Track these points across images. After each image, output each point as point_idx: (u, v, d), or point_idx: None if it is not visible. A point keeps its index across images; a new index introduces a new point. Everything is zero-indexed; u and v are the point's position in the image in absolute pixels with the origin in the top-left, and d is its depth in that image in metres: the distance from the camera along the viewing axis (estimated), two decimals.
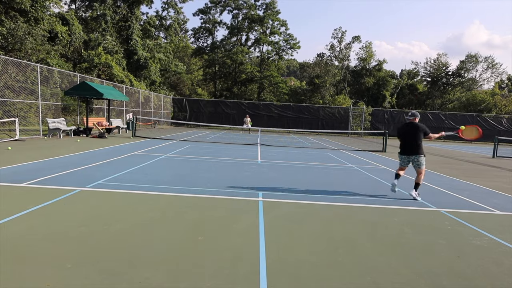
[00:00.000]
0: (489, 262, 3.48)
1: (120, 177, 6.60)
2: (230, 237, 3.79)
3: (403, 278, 3.01)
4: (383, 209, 5.37)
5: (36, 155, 8.70)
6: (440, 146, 24.51)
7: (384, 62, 42.95)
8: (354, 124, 33.11)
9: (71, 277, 2.70)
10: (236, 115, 32.71)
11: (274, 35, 42.51)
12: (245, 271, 2.97)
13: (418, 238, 4.10)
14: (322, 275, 2.99)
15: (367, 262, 3.31)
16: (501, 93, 40.85)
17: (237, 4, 41.25)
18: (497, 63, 43.42)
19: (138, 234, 3.72)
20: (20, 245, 3.26)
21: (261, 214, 4.73)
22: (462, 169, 11.05)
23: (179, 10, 40.83)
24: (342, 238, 3.96)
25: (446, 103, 43.78)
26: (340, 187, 7.02)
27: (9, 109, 14.64)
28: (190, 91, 45.30)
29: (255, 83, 42.65)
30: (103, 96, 15.34)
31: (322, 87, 38.85)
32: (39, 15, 20.56)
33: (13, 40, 18.70)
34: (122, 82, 24.89)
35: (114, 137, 15.93)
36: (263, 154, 12.06)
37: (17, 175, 6.21)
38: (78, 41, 25.09)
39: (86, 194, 5.24)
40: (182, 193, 5.65)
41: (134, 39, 31.32)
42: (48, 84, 16.63)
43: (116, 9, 30.68)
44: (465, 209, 5.68)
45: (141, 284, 2.66)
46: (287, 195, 5.91)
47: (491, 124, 32.44)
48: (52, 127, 13.83)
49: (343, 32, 42.93)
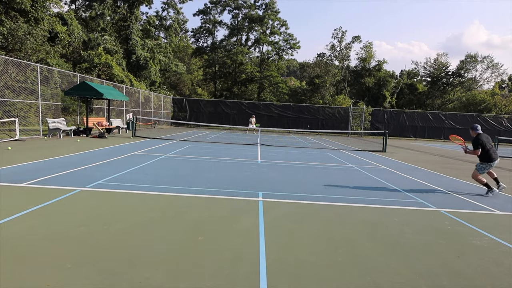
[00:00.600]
0: (489, 262, 3.48)
1: (120, 177, 6.60)
2: (230, 237, 3.79)
3: (403, 278, 3.01)
4: (383, 209, 5.37)
5: (36, 155, 8.70)
6: (440, 146, 24.51)
7: (385, 62, 42.95)
8: (354, 124, 33.12)
9: (71, 277, 2.70)
10: (236, 115, 32.73)
11: (274, 35, 42.51)
12: (245, 271, 2.97)
13: (418, 238, 4.10)
14: (322, 275, 3.00)
15: (367, 262, 3.31)
16: (501, 93, 40.83)
17: (236, 4, 41.25)
18: (496, 63, 43.48)
19: (138, 234, 3.72)
20: (20, 245, 3.26)
21: (261, 214, 4.73)
22: (462, 169, 11.05)
23: (179, 10, 40.83)
24: (342, 238, 3.96)
25: (446, 103, 43.79)
26: (340, 187, 7.02)
27: (9, 109, 14.63)
28: (190, 91, 45.30)
29: (255, 83, 42.65)
30: (103, 96, 15.34)
31: (322, 87, 38.85)
32: (39, 15, 20.56)
33: (14, 40, 18.70)
34: (122, 82, 24.89)
35: (114, 137, 15.93)
36: (263, 154, 12.06)
37: (17, 175, 6.21)
38: (78, 41, 25.08)
39: (86, 194, 5.24)
40: (182, 193, 5.65)
41: (134, 39, 31.31)
42: (48, 84, 16.63)
43: (116, 9, 30.68)
44: (465, 209, 5.68)
45: (141, 284, 2.66)
46: (287, 195, 5.91)
47: (491, 124, 32.44)
48: (52, 127, 13.83)
49: (343, 32, 42.96)
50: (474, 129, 7.23)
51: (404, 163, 11.87)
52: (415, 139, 32.28)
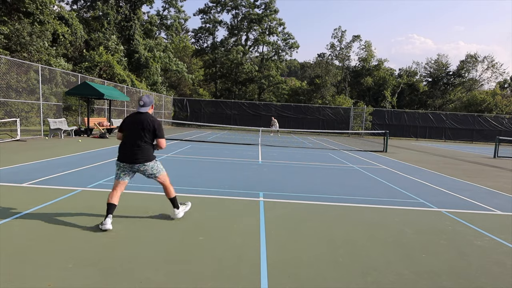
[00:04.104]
0: (490, 262, 3.48)
1: None
2: (231, 237, 3.79)
3: (403, 278, 3.01)
4: (384, 209, 5.36)
5: (37, 155, 8.72)
6: (440, 146, 24.49)
7: (386, 61, 42.96)
8: (355, 124, 33.09)
9: (72, 277, 2.71)
10: (236, 115, 32.74)
11: (272, 34, 42.49)
12: (246, 271, 2.97)
13: (419, 238, 4.10)
14: (323, 275, 3.00)
15: (367, 262, 3.31)
16: (502, 93, 40.74)
17: (236, 4, 41.24)
18: (496, 62, 43.41)
19: (138, 234, 3.73)
20: (21, 245, 3.27)
21: (262, 214, 4.73)
22: (463, 169, 11.03)
23: (180, 9, 40.80)
24: (342, 238, 3.96)
25: (447, 103, 43.73)
26: (340, 187, 7.02)
27: (11, 109, 14.66)
28: (191, 91, 45.30)
29: (255, 83, 42.65)
30: (104, 96, 15.36)
31: (322, 87, 38.83)
32: (44, 17, 20.65)
33: (18, 41, 18.75)
34: (124, 82, 24.91)
35: (115, 137, 15.95)
36: (263, 154, 12.06)
37: (18, 175, 6.22)
38: (80, 40, 25.12)
39: (87, 194, 5.25)
40: (183, 193, 5.65)
41: (136, 39, 31.35)
42: (50, 84, 16.66)
43: (119, 9, 30.72)
44: (466, 209, 5.68)
45: (141, 284, 2.66)
46: (287, 195, 5.91)
47: (492, 124, 32.40)
48: (53, 127, 13.85)
49: (343, 31, 42.95)
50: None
51: (405, 163, 11.86)
52: (416, 139, 32.24)
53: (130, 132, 3.98)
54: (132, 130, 3.97)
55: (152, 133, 3.98)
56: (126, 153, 3.96)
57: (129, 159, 3.95)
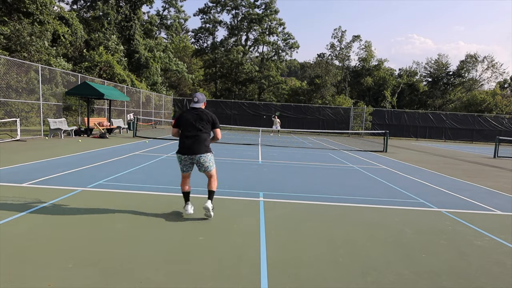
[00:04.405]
0: (490, 262, 3.48)
1: (121, 177, 6.61)
2: (231, 237, 3.79)
3: (403, 278, 3.01)
4: (384, 209, 5.37)
5: (37, 155, 8.72)
6: (440, 146, 24.49)
7: (386, 61, 42.98)
8: (355, 124, 33.09)
9: (72, 277, 2.71)
10: (236, 115, 32.74)
11: (272, 34, 42.49)
12: (246, 271, 2.97)
13: (419, 238, 4.10)
14: (323, 275, 3.00)
15: (367, 262, 3.31)
16: (502, 93, 40.75)
17: (236, 4, 41.24)
18: (496, 62, 43.43)
19: (138, 234, 3.73)
20: (21, 245, 3.27)
21: (262, 214, 4.73)
22: (463, 169, 11.03)
23: (179, 9, 40.82)
24: (342, 238, 3.96)
25: (447, 103, 43.74)
26: (340, 187, 7.02)
27: (11, 109, 14.66)
28: (191, 91, 45.31)
29: (255, 83, 42.66)
30: (104, 96, 15.36)
31: (322, 87, 38.84)
32: (44, 17, 20.65)
33: (18, 41, 18.75)
34: (124, 82, 24.91)
35: (115, 137, 15.95)
36: (263, 154, 12.06)
37: (18, 175, 6.22)
38: (80, 40, 25.12)
39: (87, 194, 5.25)
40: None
41: (136, 39, 31.36)
42: (50, 85, 16.66)
43: (119, 9, 30.74)
44: (466, 209, 5.68)
45: (141, 284, 2.66)
46: (287, 195, 5.91)
47: (492, 124, 32.40)
48: (53, 127, 13.86)
49: (343, 31, 42.96)
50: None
51: (405, 163, 11.86)
52: (416, 139, 32.24)
53: (190, 126, 4.30)
54: (191, 124, 4.29)
55: (211, 125, 4.40)
56: (187, 146, 4.25)
57: (190, 151, 4.24)
